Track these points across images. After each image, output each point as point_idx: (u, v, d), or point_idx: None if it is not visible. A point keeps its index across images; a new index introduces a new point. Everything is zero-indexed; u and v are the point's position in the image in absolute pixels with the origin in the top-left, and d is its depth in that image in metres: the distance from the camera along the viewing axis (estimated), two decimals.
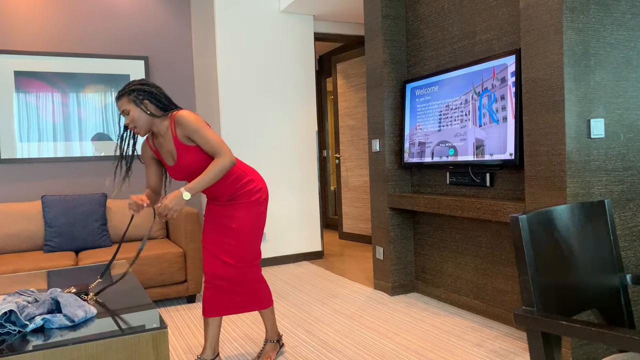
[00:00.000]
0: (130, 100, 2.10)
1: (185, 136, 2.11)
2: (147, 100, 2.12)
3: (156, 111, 2.14)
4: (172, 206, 2.01)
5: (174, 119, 2.11)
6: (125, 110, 2.10)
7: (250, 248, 2.31)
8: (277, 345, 2.53)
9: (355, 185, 5.68)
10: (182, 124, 2.08)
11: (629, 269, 2.38)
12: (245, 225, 2.29)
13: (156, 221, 3.79)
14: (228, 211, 2.29)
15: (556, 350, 1.23)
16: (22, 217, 3.59)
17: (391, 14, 3.50)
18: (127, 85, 2.12)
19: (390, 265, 3.52)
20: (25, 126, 3.87)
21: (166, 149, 2.20)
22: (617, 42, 2.32)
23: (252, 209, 2.30)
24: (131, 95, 2.10)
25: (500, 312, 2.89)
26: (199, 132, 2.08)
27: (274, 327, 2.52)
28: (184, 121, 2.08)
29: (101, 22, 4.14)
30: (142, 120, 2.11)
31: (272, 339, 2.52)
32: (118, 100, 2.12)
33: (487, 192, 2.92)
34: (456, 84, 3.00)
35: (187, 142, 2.12)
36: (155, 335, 1.48)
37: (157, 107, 2.14)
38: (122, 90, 2.12)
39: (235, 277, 2.31)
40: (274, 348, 2.51)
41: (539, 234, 1.30)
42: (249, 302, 2.37)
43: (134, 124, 2.11)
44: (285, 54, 4.69)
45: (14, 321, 1.50)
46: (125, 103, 2.10)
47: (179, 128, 2.10)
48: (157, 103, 2.14)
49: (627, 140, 2.37)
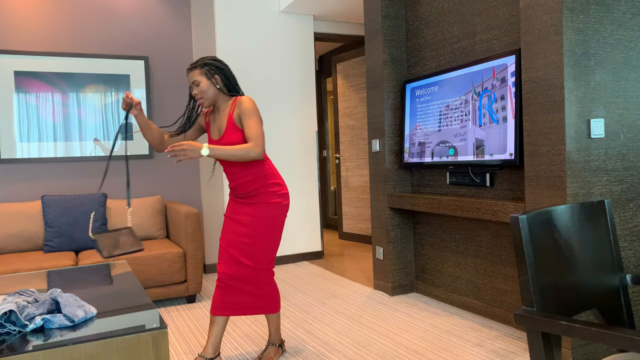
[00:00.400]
0: (203, 72, 2.24)
1: (239, 117, 2.24)
2: (217, 75, 2.26)
3: (223, 87, 2.29)
4: (187, 150, 2.08)
5: (237, 100, 2.27)
6: (196, 82, 2.24)
7: (265, 250, 2.31)
8: (279, 350, 2.53)
9: (355, 185, 5.68)
10: (241, 105, 2.23)
11: (629, 269, 2.38)
12: (260, 225, 2.29)
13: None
14: (246, 209, 2.31)
15: (556, 350, 1.23)
16: (22, 217, 3.59)
17: (391, 14, 3.50)
18: (201, 59, 2.26)
19: (390, 265, 3.52)
20: (25, 126, 3.87)
21: (217, 124, 2.34)
22: (617, 42, 2.32)
23: (270, 211, 2.30)
24: (204, 68, 2.24)
25: (500, 312, 2.89)
26: (251, 117, 2.20)
27: (278, 332, 2.52)
28: (245, 104, 2.22)
29: (101, 22, 4.14)
30: (209, 92, 2.26)
31: (275, 343, 2.52)
32: (190, 72, 2.25)
33: (487, 192, 2.92)
34: (456, 84, 3.00)
35: (238, 124, 2.25)
36: (155, 335, 1.48)
37: (224, 84, 2.29)
38: (195, 62, 2.25)
39: (249, 278, 2.31)
40: (276, 352, 2.51)
41: (539, 234, 1.30)
42: (258, 305, 2.37)
43: (201, 95, 2.25)
44: (285, 54, 4.69)
45: (14, 321, 1.50)
46: (197, 74, 2.24)
47: (238, 108, 2.24)
48: (225, 80, 2.29)
49: (627, 140, 2.37)
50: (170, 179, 4.37)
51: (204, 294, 3.76)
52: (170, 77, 4.39)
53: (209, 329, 2.37)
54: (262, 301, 2.37)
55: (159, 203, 3.98)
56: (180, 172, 4.42)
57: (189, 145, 2.07)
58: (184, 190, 4.43)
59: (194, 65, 2.25)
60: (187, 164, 4.44)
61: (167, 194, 4.37)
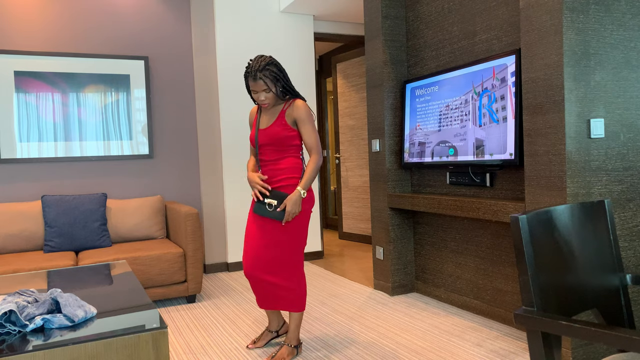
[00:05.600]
0: (269, 81, 2.37)
1: (293, 118, 2.43)
2: (281, 85, 2.42)
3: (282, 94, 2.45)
4: (293, 210, 2.36)
5: (293, 101, 2.46)
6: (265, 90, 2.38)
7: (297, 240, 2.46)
8: (294, 350, 2.52)
9: (355, 185, 5.68)
10: (298, 109, 2.42)
11: (629, 269, 2.38)
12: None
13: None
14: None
15: (556, 350, 1.23)
16: (22, 217, 3.58)
17: (391, 14, 3.50)
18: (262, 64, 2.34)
19: (390, 265, 3.52)
20: (25, 126, 3.87)
21: (268, 116, 2.49)
22: (617, 42, 2.32)
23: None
24: (270, 76, 2.36)
25: (500, 312, 2.89)
26: (308, 124, 2.43)
27: (296, 332, 2.53)
28: (301, 109, 2.42)
29: (101, 22, 4.14)
30: (274, 98, 2.43)
31: (291, 344, 2.52)
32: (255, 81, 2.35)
33: (487, 192, 2.92)
34: (456, 84, 3.00)
35: (289, 121, 2.44)
36: (155, 335, 1.48)
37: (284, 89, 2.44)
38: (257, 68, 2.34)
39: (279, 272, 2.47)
40: (291, 352, 2.50)
41: (539, 234, 1.30)
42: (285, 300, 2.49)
43: (267, 101, 2.41)
44: (285, 54, 4.69)
45: (14, 321, 1.50)
46: (263, 84, 2.36)
47: (293, 109, 2.43)
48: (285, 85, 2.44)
49: (627, 140, 2.37)
50: (170, 179, 4.37)
51: (204, 294, 3.76)
52: (170, 77, 4.38)
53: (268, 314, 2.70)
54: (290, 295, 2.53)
55: (159, 203, 3.98)
56: (180, 172, 4.42)
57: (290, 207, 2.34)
58: (184, 190, 4.43)
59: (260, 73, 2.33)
60: (187, 164, 4.44)
61: (167, 194, 4.37)
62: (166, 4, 4.37)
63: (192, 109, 4.47)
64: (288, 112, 2.43)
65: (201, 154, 4.49)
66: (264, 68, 2.33)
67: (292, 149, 2.45)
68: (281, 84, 2.40)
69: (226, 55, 4.42)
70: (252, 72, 2.33)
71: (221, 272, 4.48)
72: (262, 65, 2.33)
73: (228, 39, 4.42)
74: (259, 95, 2.38)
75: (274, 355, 2.47)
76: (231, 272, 4.47)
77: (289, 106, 2.45)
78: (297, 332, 2.52)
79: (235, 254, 4.51)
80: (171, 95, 4.39)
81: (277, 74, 2.37)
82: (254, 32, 4.54)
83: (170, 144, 4.38)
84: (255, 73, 2.33)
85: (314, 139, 2.43)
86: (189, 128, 4.46)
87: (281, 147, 2.43)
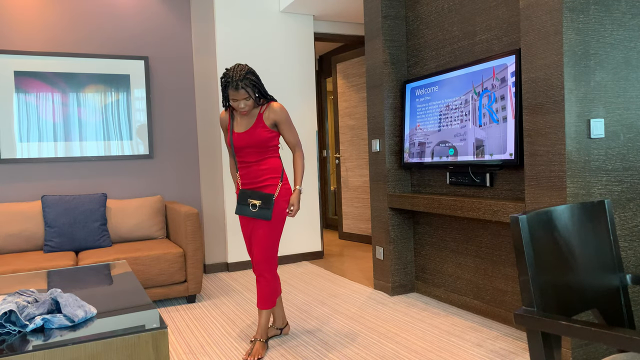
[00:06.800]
0: (249, 90, 2.43)
1: (272, 120, 2.54)
2: (257, 91, 2.50)
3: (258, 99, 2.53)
4: (296, 206, 2.59)
5: (269, 104, 2.56)
6: (245, 99, 2.45)
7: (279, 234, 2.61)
8: (266, 345, 2.63)
9: (355, 185, 5.68)
10: (276, 112, 2.53)
11: (629, 269, 2.38)
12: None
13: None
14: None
15: (556, 350, 1.23)
16: (22, 217, 3.58)
17: (391, 14, 3.50)
18: (242, 74, 2.41)
19: (390, 265, 3.52)
20: (25, 126, 3.87)
21: (244, 120, 2.57)
22: (617, 42, 2.32)
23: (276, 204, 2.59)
24: (249, 86, 2.43)
25: (500, 312, 2.89)
26: (289, 124, 2.59)
27: (266, 328, 2.65)
28: (281, 111, 2.54)
29: (101, 22, 4.14)
30: (252, 105, 2.50)
31: (263, 339, 2.62)
32: (237, 90, 2.41)
33: (487, 192, 2.92)
34: (456, 84, 3.00)
35: (268, 123, 2.53)
36: (155, 335, 1.48)
37: (260, 95, 2.53)
38: (239, 78, 2.40)
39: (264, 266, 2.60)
40: (264, 347, 2.60)
41: (539, 234, 1.30)
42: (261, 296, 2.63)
43: (247, 109, 2.48)
44: (285, 54, 4.69)
45: (14, 321, 1.50)
46: (244, 93, 2.43)
47: (270, 112, 2.54)
48: (262, 92, 2.52)
49: (627, 140, 2.37)
50: (170, 179, 4.37)
51: (204, 294, 3.76)
52: (170, 77, 4.38)
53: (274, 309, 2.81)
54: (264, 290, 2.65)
55: (159, 203, 3.98)
56: (180, 172, 4.42)
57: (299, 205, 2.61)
58: (184, 190, 4.43)
59: (241, 83, 2.40)
60: (187, 164, 4.44)
61: (167, 194, 4.37)
62: (166, 4, 4.37)
63: (192, 109, 4.47)
64: (266, 115, 2.54)
65: (201, 154, 4.49)
66: (244, 77, 2.40)
67: (271, 150, 2.58)
68: (257, 89, 2.48)
69: (226, 55, 4.42)
70: (233, 82, 2.40)
71: (221, 272, 4.48)
72: (242, 74, 2.40)
73: (228, 39, 4.42)
74: (239, 103, 2.45)
75: (250, 352, 2.54)
76: (231, 272, 4.47)
77: (266, 109, 2.55)
78: (267, 327, 2.67)
79: (235, 254, 4.51)
80: (171, 95, 4.39)
81: (255, 82, 2.45)
82: (254, 32, 4.53)
83: (170, 144, 4.38)
84: (237, 83, 2.39)
85: (296, 136, 2.62)
86: (189, 128, 4.46)
87: (262, 148, 2.54)
